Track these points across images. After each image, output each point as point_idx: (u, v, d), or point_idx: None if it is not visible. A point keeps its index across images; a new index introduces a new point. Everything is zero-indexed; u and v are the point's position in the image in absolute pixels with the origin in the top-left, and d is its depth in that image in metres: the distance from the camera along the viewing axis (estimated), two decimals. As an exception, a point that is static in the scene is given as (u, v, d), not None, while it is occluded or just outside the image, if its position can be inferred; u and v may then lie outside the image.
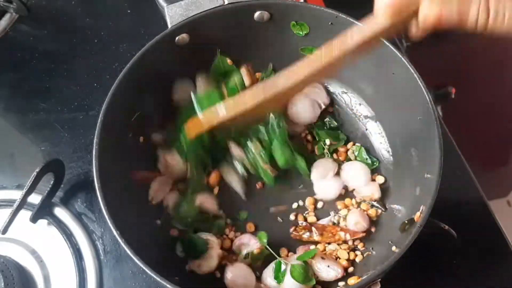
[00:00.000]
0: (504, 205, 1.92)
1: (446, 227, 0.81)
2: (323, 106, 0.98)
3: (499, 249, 0.94)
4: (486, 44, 1.39)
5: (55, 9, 1.16)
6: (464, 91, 1.39)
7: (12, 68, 1.10)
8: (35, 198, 0.93)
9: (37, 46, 1.12)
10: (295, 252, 0.88)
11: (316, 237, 0.88)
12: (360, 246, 0.88)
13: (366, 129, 0.98)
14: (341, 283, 0.83)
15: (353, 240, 0.88)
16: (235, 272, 0.84)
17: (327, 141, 0.96)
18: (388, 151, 0.94)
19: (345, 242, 0.88)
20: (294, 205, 0.93)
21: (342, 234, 0.88)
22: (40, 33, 1.14)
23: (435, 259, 0.91)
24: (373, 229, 0.89)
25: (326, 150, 0.96)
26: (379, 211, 0.90)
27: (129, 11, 1.16)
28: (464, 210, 0.96)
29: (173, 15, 0.87)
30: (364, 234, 0.87)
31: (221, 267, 0.86)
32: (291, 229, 0.89)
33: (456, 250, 0.91)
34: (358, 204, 0.92)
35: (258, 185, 0.94)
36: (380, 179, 0.93)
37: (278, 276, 0.82)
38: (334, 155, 0.96)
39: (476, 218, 0.96)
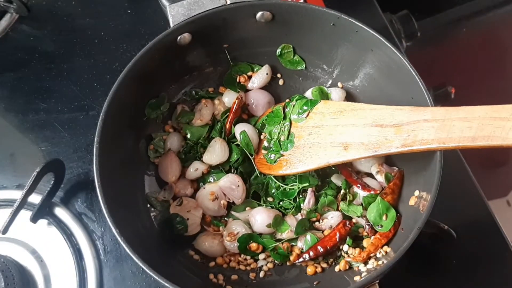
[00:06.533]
0: (504, 205, 1.93)
1: (446, 227, 0.81)
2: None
3: (499, 249, 0.94)
4: (486, 44, 1.39)
5: (55, 9, 1.16)
6: (464, 91, 1.39)
7: (12, 68, 1.10)
8: (35, 198, 0.93)
9: (37, 46, 1.12)
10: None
11: None
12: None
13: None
14: (363, 268, 0.82)
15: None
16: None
17: None
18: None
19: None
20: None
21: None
22: (40, 33, 1.14)
23: (435, 260, 0.91)
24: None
25: None
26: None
27: (129, 11, 1.16)
28: (464, 210, 0.96)
29: (175, 15, 0.87)
30: None
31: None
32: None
33: (456, 250, 0.91)
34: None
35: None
36: None
37: None
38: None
39: (476, 218, 0.96)
